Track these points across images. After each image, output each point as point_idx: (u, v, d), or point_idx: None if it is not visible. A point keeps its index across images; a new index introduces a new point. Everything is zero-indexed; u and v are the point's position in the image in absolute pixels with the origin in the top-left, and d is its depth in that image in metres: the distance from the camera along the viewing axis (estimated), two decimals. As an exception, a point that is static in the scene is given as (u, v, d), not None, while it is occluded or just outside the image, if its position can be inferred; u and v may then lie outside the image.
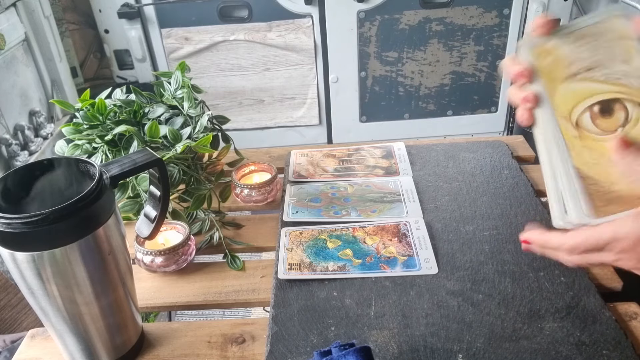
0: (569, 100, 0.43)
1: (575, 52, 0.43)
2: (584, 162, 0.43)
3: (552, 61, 0.44)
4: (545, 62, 0.44)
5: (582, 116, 0.43)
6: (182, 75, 0.85)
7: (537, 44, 0.44)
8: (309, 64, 1.88)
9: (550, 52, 0.44)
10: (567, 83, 0.43)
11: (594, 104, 0.43)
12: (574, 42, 0.44)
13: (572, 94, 0.43)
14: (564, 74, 0.43)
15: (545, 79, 0.44)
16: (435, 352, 0.55)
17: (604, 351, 0.54)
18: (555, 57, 0.44)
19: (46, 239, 0.47)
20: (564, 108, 0.43)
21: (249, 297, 0.67)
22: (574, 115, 0.43)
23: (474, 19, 1.81)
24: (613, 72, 0.43)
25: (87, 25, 1.96)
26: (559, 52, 0.44)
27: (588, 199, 0.43)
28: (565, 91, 0.43)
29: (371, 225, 0.74)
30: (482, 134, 2.04)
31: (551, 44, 0.44)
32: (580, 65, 0.43)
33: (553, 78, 0.44)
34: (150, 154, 0.56)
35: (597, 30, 0.43)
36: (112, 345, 0.57)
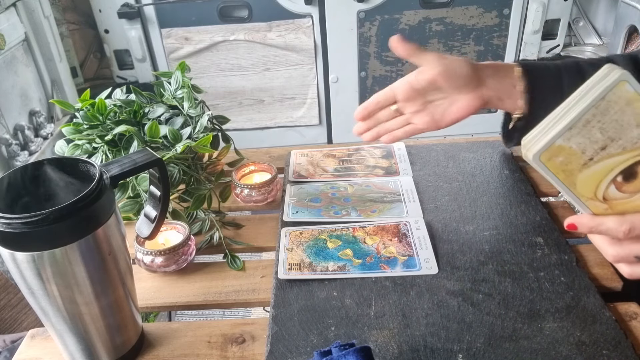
0: (590, 183, 0.43)
1: (585, 140, 0.42)
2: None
3: (564, 158, 0.42)
4: (557, 162, 0.43)
5: (607, 190, 0.43)
6: (182, 75, 0.85)
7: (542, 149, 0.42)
8: (309, 64, 1.88)
9: (560, 152, 0.42)
10: (585, 170, 0.43)
11: (615, 175, 0.43)
12: (580, 130, 0.42)
13: (592, 177, 0.43)
14: (579, 164, 0.43)
15: (561, 176, 0.43)
16: (435, 352, 0.55)
17: (604, 351, 0.54)
18: (566, 154, 0.42)
19: (46, 239, 0.47)
20: (588, 191, 0.43)
21: (249, 297, 0.67)
22: (599, 192, 0.43)
23: (474, 19, 1.82)
24: (628, 139, 0.42)
25: (87, 25, 1.96)
26: (567, 148, 0.42)
27: None
28: (585, 177, 0.43)
29: (371, 225, 0.74)
30: (482, 134, 2.04)
31: (559, 142, 0.42)
32: (593, 148, 0.42)
33: (570, 172, 0.43)
34: (150, 154, 0.56)
35: (602, 108, 0.41)
36: (112, 345, 0.57)
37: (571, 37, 2.03)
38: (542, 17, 1.83)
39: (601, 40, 2.01)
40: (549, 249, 0.68)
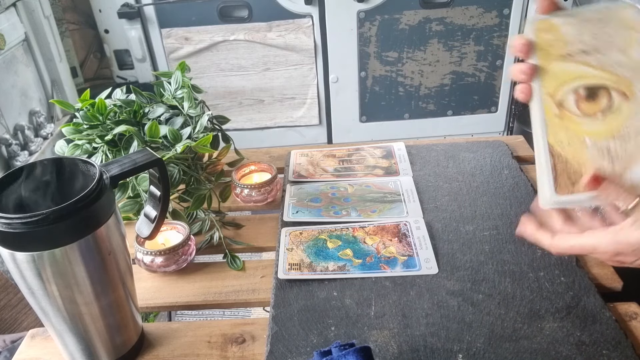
0: (557, 78, 0.44)
1: (576, 34, 0.43)
2: (558, 141, 0.44)
3: (552, 38, 0.44)
4: (545, 37, 0.44)
5: (566, 96, 0.44)
6: (182, 75, 0.85)
7: (541, 19, 0.44)
8: (309, 64, 1.88)
9: (553, 29, 0.44)
10: (560, 62, 0.44)
11: (581, 86, 0.43)
12: (578, 23, 0.43)
13: (562, 73, 0.44)
14: (559, 53, 0.43)
15: (540, 54, 0.44)
16: (435, 352, 0.55)
17: (604, 351, 0.54)
18: (555, 35, 0.44)
19: (46, 239, 0.47)
20: (551, 85, 0.44)
21: (249, 297, 0.67)
22: (559, 94, 0.44)
23: (474, 19, 1.81)
24: (608, 59, 0.43)
25: (87, 25, 1.96)
26: (560, 30, 0.43)
27: (555, 176, 0.44)
28: (556, 69, 0.44)
29: (371, 225, 0.74)
30: (482, 134, 2.04)
31: (555, 20, 0.44)
32: (577, 46, 0.43)
33: (548, 55, 0.44)
34: (150, 154, 0.56)
35: (604, 16, 0.43)
36: (112, 345, 0.57)
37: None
38: (542, 17, 1.83)
39: (601, 40, 2.01)
40: (549, 249, 0.67)
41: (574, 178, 0.44)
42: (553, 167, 0.44)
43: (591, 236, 0.44)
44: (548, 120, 0.44)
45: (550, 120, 0.44)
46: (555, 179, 0.44)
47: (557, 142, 0.44)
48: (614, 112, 0.43)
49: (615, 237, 0.43)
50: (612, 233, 0.43)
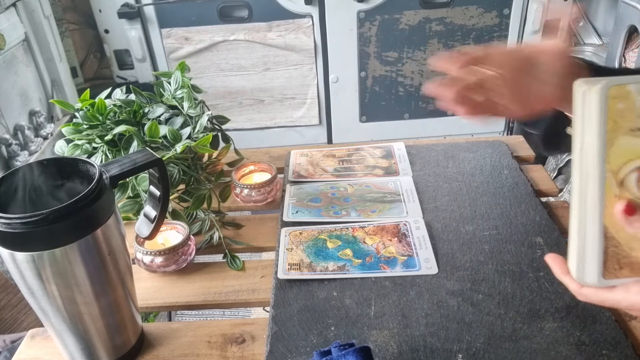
0: (623, 155, 0.40)
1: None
2: (614, 223, 0.42)
3: (624, 108, 0.40)
4: (617, 106, 0.40)
5: (629, 176, 0.41)
6: (182, 75, 0.85)
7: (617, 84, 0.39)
8: (309, 64, 1.88)
9: (627, 98, 0.39)
10: (629, 136, 0.40)
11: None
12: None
13: (628, 149, 0.40)
14: (629, 126, 0.40)
15: (610, 125, 0.40)
16: (435, 352, 0.55)
17: (603, 351, 0.54)
18: (629, 105, 0.39)
19: (46, 239, 0.47)
20: (616, 162, 0.41)
21: (249, 297, 0.67)
22: (622, 172, 0.41)
23: (474, 19, 1.82)
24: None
25: (87, 25, 1.96)
26: (634, 99, 0.39)
27: (604, 260, 0.42)
28: (623, 144, 0.40)
29: (371, 225, 0.74)
30: (482, 134, 2.04)
31: (632, 87, 0.39)
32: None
33: (618, 127, 0.40)
34: (150, 154, 0.56)
35: None
36: (112, 345, 0.57)
37: (571, 37, 2.04)
38: (542, 17, 1.83)
39: (601, 40, 2.01)
40: (548, 249, 0.68)
41: (622, 262, 0.43)
42: (605, 251, 0.42)
43: (625, 292, 0.42)
44: (607, 200, 0.41)
45: (609, 200, 0.41)
46: (604, 263, 0.43)
47: (613, 225, 0.42)
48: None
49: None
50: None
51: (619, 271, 0.43)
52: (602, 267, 0.43)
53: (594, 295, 0.44)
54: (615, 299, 0.43)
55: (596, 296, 0.44)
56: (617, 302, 0.43)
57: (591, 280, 0.43)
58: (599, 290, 0.44)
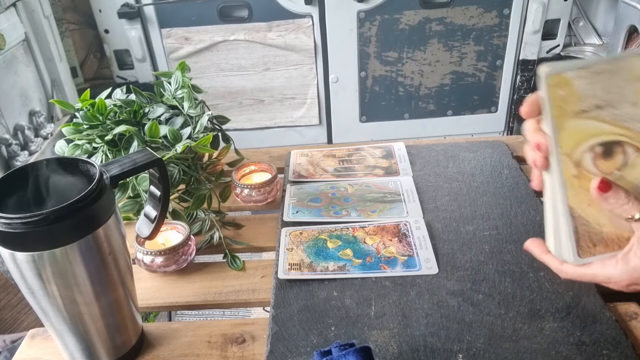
0: (574, 137, 0.42)
1: (589, 88, 0.42)
2: (578, 202, 0.44)
3: (566, 94, 0.42)
4: (559, 93, 0.42)
5: (583, 155, 0.43)
6: (182, 75, 0.85)
7: (554, 72, 0.42)
8: (309, 64, 1.88)
9: (566, 84, 0.42)
10: (576, 119, 0.42)
11: (597, 144, 0.42)
12: (590, 76, 0.42)
13: (578, 132, 0.42)
14: (574, 109, 0.42)
15: (556, 111, 0.42)
16: (435, 352, 0.55)
17: (604, 351, 0.54)
18: (569, 90, 0.42)
19: (46, 239, 0.47)
20: (568, 145, 0.43)
21: (249, 297, 0.67)
22: (577, 153, 0.43)
23: (474, 19, 1.82)
24: (621, 113, 0.42)
25: (87, 25, 1.96)
26: (573, 85, 0.42)
27: (577, 239, 0.44)
28: (572, 127, 0.42)
29: (371, 225, 0.74)
30: (482, 134, 2.04)
31: (568, 74, 0.42)
32: (591, 102, 0.42)
33: (564, 112, 0.42)
34: (150, 154, 0.56)
35: (616, 67, 0.42)
36: (112, 345, 0.57)
37: (571, 37, 2.03)
38: (542, 17, 1.83)
39: (601, 40, 2.01)
40: (549, 249, 0.67)
41: (595, 239, 0.44)
42: (575, 230, 0.44)
43: (602, 267, 0.44)
44: (567, 181, 0.43)
45: (569, 181, 0.43)
46: (577, 241, 0.44)
47: (577, 204, 0.43)
48: (630, 167, 0.43)
49: (626, 266, 0.43)
50: (622, 262, 0.43)
51: (593, 248, 0.45)
52: (576, 246, 0.45)
53: (573, 272, 0.46)
54: (593, 274, 0.45)
55: (575, 272, 0.46)
56: (594, 277, 0.45)
57: (569, 258, 0.45)
58: (578, 267, 0.46)
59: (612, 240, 0.44)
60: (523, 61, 1.90)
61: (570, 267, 0.46)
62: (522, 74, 1.93)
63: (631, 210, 0.42)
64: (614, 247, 0.45)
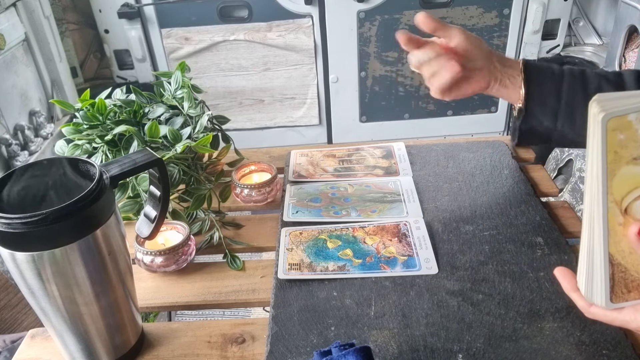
0: (626, 184, 0.40)
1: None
2: (620, 250, 0.42)
3: (625, 139, 0.39)
4: (617, 137, 0.39)
5: (633, 203, 0.41)
6: (182, 75, 0.85)
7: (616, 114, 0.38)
8: (309, 64, 1.88)
9: (627, 128, 0.39)
10: (631, 165, 0.40)
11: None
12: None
13: (632, 179, 0.40)
14: (631, 155, 0.40)
15: (611, 157, 0.39)
16: (435, 352, 0.55)
17: (604, 351, 0.54)
18: (629, 135, 0.39)
19: (46, 239, 0.47)
20: (619, 192, 0.41)
21: (249, 297, 0.67)
22: (626, 201, 0.41)
23: (474, 19, 1.82)
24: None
25: (87, 25, 1.96)
26: (635, 129, 0.39)
27: (612, 285, 0.43)
28: (626, 174, 0.40)
29: (371, 225, 0.74)
30: (482, 134, 2.04)
31: (631, 117, 0.39)
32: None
33: (620, 158, 0.39)
34: (150, 154, 0.56)
35: None
36: (112, 345, 0.57)
37: (571, 37, 2.04)
38: (542, 17, 1.83)
39: (601, 40, 2.01)
40: (549, 249, 0.68)
41: (631, 286, 0.43)
42: (611, 277, 0.43)
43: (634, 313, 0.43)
44: (611, 229, 0.41)
45: (613, 229, 0.41)
46: (612, 288, 0.43)
47: (619, 252, 0.42)
48: None
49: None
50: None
51: (627, 294, 0.44)
52: (610, 292, 0.43)
53: (602, 315, 0.45)
54: (624, 320, 0.44)
55: (605, 316, 0.45)
56: (626, 323, 0.44)
57: (599, 302, 0.44)
58: (608, 311, 0.44)
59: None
60: (523, 61, 1.90)
61: (600, 310, 0.45)
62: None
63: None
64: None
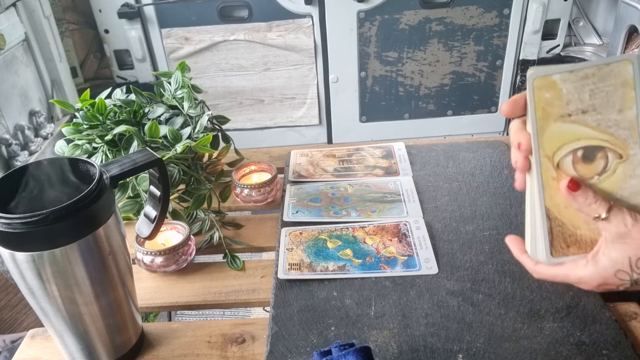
0: (556, 140, 0.43)
1: (575, 92, 0.42)
2: (555, 204, 0.44)
3: (551, 97, 0.42)
4: (544, 95, 0.42)
5: (564, 159, 0.43)
6: (182, 75, 0.85)
7: (541, 75, 0.42)
8: (309, 64, 1.88)
9: (552, 87, 0.42)
10: (559, 122, 0.42)
11: (578, 148, 0.43)
12: (578, 80, 0.42)
13: (560, 135, 0.43)
14: (558, 113, 0.42)
15: (539, 113, 0.42)
16: (435, 352, 0.55)
17: (604, 351, 0.54)
18: (555, 93, 0.42)
19: (46, 239, 0.47)
20: (550, 147, 0.43)
21: (249, 297, 0.67)
22: (557, 156, 0.43)
23: (474, 19, 1.82)
24: (605, 119, 0.42)
25: (87, 25, 1.96)
26: (560, 88, 0.42)
27: (550, 240, 0.45)
28: (555, 130, 0.43)
29: (371, 225, 0.74)
30: (482, 134, 2.04)
31: (555, 77, 0.42)
32: (576, 106, 0.42)
33: (547, 114, 0.42)
34: (150, 154, 0.56)
35: (603, 72, 0.42)
36: (112, 345, 0.57)
37: (571, 37, 2.03)
38: (542, 17, 1.83)
39: (601, 40, 2.01)
40: (549, 249, 0.67)
41: (569, 241, 0.45)
42: (549, 231, 0.45)
43: (573, 268, 0.45)
44: (545, 183, 0.44)
45: (547, 182, 0.44)
46: (551, 242, 0.45)
47: (554, 206, 0.44)
48: (610, 174, 0.43)
49: (596, 267, 0.43)
50: (592, 263, 0.44)
51: (566, 249, 0.45)
52: (549, 246, 0.45)
53: (546, 272, 0.47)
54: (565, 274, 0.46)
55: (548, 272, 0.47)
56: (566, 277, 0.46)
57: (542, 258, 0.46)
58: (550, 267, 0.46)
59: (586, 242, 0.45)
60: (523, 61, 1.90)
61: (544, 267, 0.47)
62: (522, 74, 1.93)
63: (598, 210, 0.42)
64: (586, 249, 0.45)
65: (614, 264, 0.43)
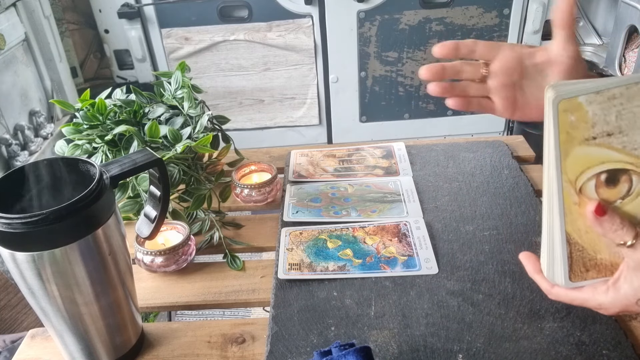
0: (579, 164, 0.41)
1: (602, 113, 0.40)
2: (576, 229, 0.43)
3: (577, 119, 0.40)
4: (569, 119, 0.40)
5: (587, 183, 0.42)
6: (182, 75, 0.85)
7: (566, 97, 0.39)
8: (309, 64, 1.88)
9: (578, 109, 0.40)
10: (583, 146, 0.40)
11: (602, 172, 0.41)
12: (604, 101, 0.40)
13: (584, 159, 0.41)
14: (583, 136, 0.40)
15: (563, 137, 0.40)
16: (435, 352, 0.55)
17: (604, 351, 0.54)
18: (581, 116, 0.40)
19: (46, 239, 0.47)
20: (573, 172, 0.41)
21: (249, 297, 0.67)
22: (580, 181, 0.42)
23: (474, 19, 1.82)
24: (632, 140, 0.40)
25: (87, 25, 1.96)
26: (586, 110, 0.40)
27: (570, 264, 0.44)
28: (578, 154, 0.41)
29: (371, 225, 0.74)
30: (482, 134, 2.04)
31: (581, 99, 0.40)
32: (602, 128, 0.40)
33: (572, 138, 0.40)
34: (150, 154, 0.56)
35: (632, 92, 0.40)
36: (112, 345, 0.57)
37: (572, 37, 2.03)
38: (542, 17, 1.83)
39: (601, 40, 2.01)
40: (549, 249, 0.67)
41: (588, 265, 0.44)
42: (569, 256, 0.44)
43: (593, 293, 0.44)
44: (567, 208, 0.42)
45: (569, 208, 0.42)
46: (570, 266, 0.44)
47: (575, 231, 0.43)
48: (634, 197, 0.42)
49: (616, 294, 0.43)
50: (613, 290, 0.43)
51: (585, 273, 0.45)
52: (568, 271, 0.45)
53: (563, 295, 0.46)
54: (584, 298, 0.45)
55: (566, 295, 0.46)
56: (585, 301, 0.45)
57: (559, 281, 0.45)
58: (569, 290, 0.46)
59: (605, 266, 0.44)
60: (523, 61, 1.90)
61: (561, 290, 0.46)
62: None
63: (624, 236, 0.41)
64: (605, 273, 0.44)
65: (635, 292, 0.42)
